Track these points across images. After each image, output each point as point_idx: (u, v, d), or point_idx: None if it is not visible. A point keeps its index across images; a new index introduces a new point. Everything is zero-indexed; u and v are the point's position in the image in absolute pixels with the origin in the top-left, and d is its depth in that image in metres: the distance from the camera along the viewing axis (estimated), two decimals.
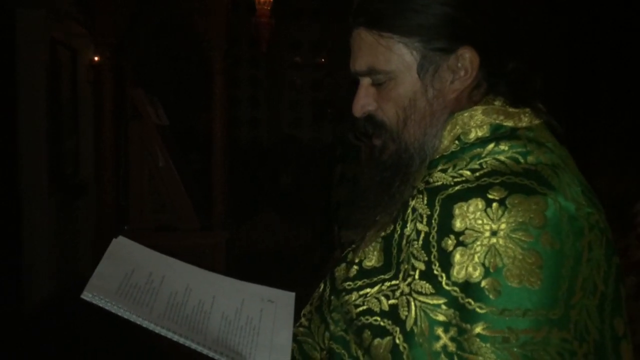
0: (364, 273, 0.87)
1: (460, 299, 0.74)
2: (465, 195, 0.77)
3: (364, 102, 0.88)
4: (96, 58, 5.07)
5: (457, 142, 0.84)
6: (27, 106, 4.68)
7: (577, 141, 1.06)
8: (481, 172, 0.79)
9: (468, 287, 0.73)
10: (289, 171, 7.52)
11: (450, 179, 0.81)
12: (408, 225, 0.83)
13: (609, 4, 4.71)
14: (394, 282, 0.82)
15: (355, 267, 0.89)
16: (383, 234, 0.87)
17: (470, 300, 0.73)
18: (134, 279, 0.92)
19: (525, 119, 0.84)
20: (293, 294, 1.04)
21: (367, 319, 0.82)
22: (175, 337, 0.84)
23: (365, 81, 0.88)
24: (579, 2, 4.90)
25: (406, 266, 0.81)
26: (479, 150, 0.81)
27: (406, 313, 0.78)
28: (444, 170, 0.83)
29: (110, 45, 4.20)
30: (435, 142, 0.85)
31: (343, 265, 0.93)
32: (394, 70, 0.84)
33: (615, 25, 4.79)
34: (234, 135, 7.28)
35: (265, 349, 0.90)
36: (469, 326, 0.72)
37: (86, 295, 0.83)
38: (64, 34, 5.09)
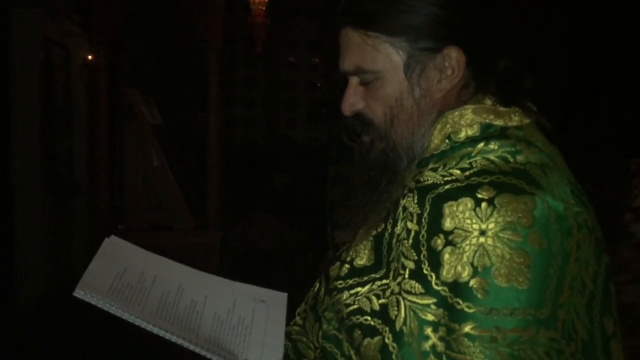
0: (355, 272, 0.87)
1: (449, 298, 0.74)
2: (455, 195, 0.77)
3: (352, 100, 0.88)
4: (90, 57, 5.06)
5: (447, 141, 0.84)
6: (20, 105, 4.66)
7: (572, 146, 1.06)
8: (471, 171, 0.79)
9: (457, 286, 0.73)
10: (285, 171, 7.53)
11: (440, 178, 0.81)
12: (399, 224, 0.83)
13: (609, 4, 4.72)
14: (384, 281, 0.82)
15: (347, 265, 0.89)
16: (374, 232, 0.87)
17: (458, 299, 0.73)
18: (126, 278, 0.92)
19: (515, 118, 0.84)
20: (285, 295, 1.03)
21: (358, 319, 0.82)
22: (168, 336, 0.84)
23: (354, 80, 0.88)
24: (579, 2, 4.90)
25: (396, 265, 0.81)
26: (469, 149, 0.82)
27: (396, 313, 0.78)
28: (434, 169, 0.83)
29: (105, 45, 4.20)
30: (423, 142, 0.85)
31: (337, 264, 0.93)
32: (380, 70, 0.84)
33: (615, 25, 4.80)
34: (230, 135, 7.28)
35: (258, 349, 0.90)
36: (457, 326, 0.72)
37: (78, 293, 0.83)
38: (57, 33, 5.07)
